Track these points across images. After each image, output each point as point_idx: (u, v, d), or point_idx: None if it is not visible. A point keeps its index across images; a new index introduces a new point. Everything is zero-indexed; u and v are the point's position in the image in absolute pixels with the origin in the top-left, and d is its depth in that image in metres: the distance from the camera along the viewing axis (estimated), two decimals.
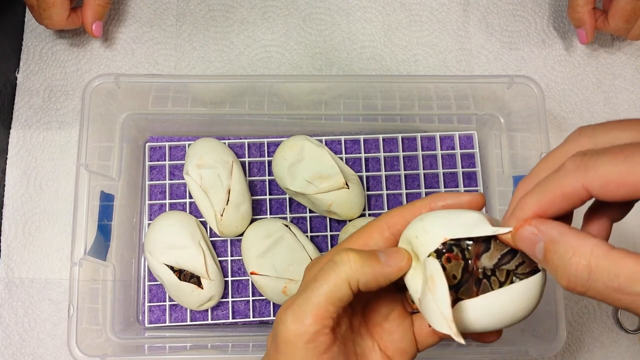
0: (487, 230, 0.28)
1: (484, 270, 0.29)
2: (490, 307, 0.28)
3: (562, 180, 0.25)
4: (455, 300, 0.28)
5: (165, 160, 0.57)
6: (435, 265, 0.28)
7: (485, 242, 0.29)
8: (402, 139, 0.58)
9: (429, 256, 0.28)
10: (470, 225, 0.28)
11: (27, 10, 0.61)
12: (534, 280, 0.28)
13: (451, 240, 0.28)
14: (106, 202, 0.51)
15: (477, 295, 0.28)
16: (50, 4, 0.52)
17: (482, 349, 0.48)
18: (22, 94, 0.59)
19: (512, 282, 0.28)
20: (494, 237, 0.28)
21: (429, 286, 0.27)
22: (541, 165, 0.28)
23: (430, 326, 0.29)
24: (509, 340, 0.50)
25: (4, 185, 0.57)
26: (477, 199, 0.30)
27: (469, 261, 0.29)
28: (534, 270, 0.28)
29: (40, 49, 0.60)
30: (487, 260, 0.29)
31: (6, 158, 0.57)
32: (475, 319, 0.28)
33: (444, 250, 0.28)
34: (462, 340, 0.26)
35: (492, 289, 0.28)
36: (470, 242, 0.29)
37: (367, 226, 0.32)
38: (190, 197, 0.56)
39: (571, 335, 0.56)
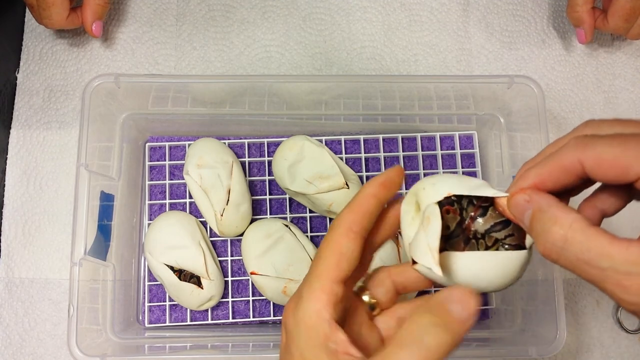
0: (488, 192, 0.30)
1: (475, 233, 0.30)
2: (470, 265, 0.29)
3: (562, 154, 0.27)
4: (442, 250, 0.29)
5: (165, 160, 0.57)
6: (434, 208, 0.29)
7: (483, 208, 0.31)
8: (402, 139, 0.58)
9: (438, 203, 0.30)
10: (473, 187, 0.30)
11: (27, 10, 0.61)
12: (518, 254, 0.29)
13: (454, 197, 0.30)
14: (106, 202, 0.51)
15: (463, 251, 0.30)
16: (50, 4, 0.52)
17: (482, 349, 0.48)
18: (22, 94, 0.59)
19: (497, 250, 0.30)
20: (492, 206, 0.30)
21: (423, 225, 0.29)
22: (547, 148, 0.30)
23: (414, 264, 0.30)
24: (509, 340, 0.50)
25: (4, 185, 0.57)
26: (398, 170, 0.32)
27: (465, 220, 0.30)
28: (519, 246, 0.30)
29: (40, 49, 0.60)
30: (481, 224, 0.30)
31: (6, 158, 0.57)
32: (455, 272, 0.29)
33: (445, 203, 0.30)
34: (439, 272, 0.28)
35: (478, 250, 0.30)
36: (470, 205, 0.31)
37: (330, 238, 0.30)
38: (190, 197, 0.56)
39: (571, 335, 0.56)
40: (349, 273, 0.30)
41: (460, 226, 0.30)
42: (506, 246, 0.30)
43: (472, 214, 0.30)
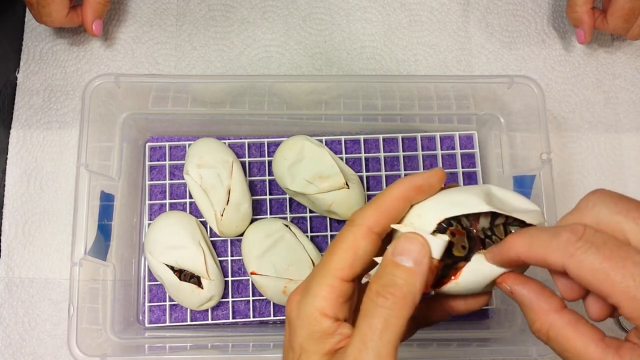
0: (479, 208, 0.29)
1: (484, 230, 0.30)
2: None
3: (550, 248, 0.26)
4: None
5: (165, 160, 0.57)
6: (440, 242, 0.28)
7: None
8: (402, 139, 0.58)
9: (432, 233, 0.29)
10: (459, 202, 0.29)
11: (27, 10, 0.61)
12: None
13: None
14: (106, 202, 0.51)
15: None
16: (49, 1, 0.52)
17: (482, 349, 0.48)
18: (22, 94, 0.59)
19: (507, 232, 0.30)
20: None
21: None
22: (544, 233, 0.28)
23: (438, 288, 0.29)
24: (509, 340, 0.50)
25: (4, 185, 0.57)
26: (439, 173, 0.31)
27: (470, 228, 0.30)
28: (525, 223, 0.30)
29: (40, 49, 0.60)
30: (484, 220, 0.30)
31: (6, 158, 0.57)
32: (486, 270, 0.29)
33: (445, 226, 0.29)
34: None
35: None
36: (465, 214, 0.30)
37: (348, 234, 0.30)
38: (190, 197, 0.56)
39: None
40: (362, 272, 0.29)
41: (471, 237, 0.30)
42: (515, 226, 0.30)
43: (472, 217, 0.30)
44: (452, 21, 0.62)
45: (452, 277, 0.29)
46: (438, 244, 0.28)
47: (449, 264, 0.29)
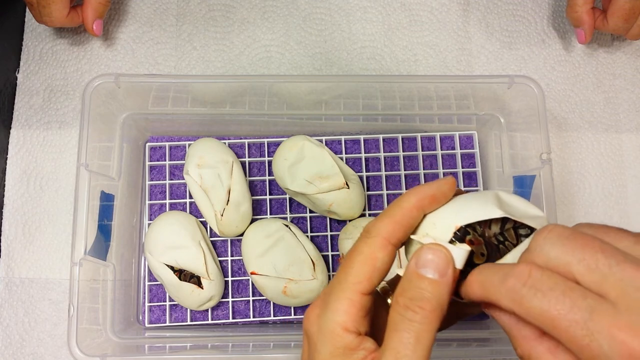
0: (494, 213, 0.29)
1: (496, 236, 0.30)
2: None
3: (500, 294, 0.25)
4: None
5: (165, 160, 0.57)
6: (462, 252, 0.29)
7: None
8: (403, 139, 0.58)
9: (451, 242, 0.29)
10: (475, 208, 0.30)
11: (27, 10, 0.61)
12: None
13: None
14: (106, 202, 0.51)
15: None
16: (50, 1, 0.52)
17: (482, 349, 0.48)
18: (22, 94, 0.59)
19: (518, 235, 0.30)
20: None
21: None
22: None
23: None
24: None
25: (4, 185, 0.57)
26: (451, 181, 0.31)
27: (485, 235, 0.30)
28: (531, 228, 0.30)
29: (40, 49, 0.60)
30: (494, 226, 0.30)
31: (6, 158, 0.57)
32: None
33: (461, 236, 0.29)
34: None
35: (509, 250, 0.29)
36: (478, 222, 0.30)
37: (364, 247, 0.29)
38: (191, 197, 0.56)
39: None
40: (379, 284, 0.29)
41: (488, 244, 0.30)
42: (522, 233, 0.30)
43: (484, 224, 0.30)
44: (452, 21, 0.62)
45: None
46: (459, 254, 0.28)
47: (468, 270, 0.29)
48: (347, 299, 0.28)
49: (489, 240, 0.30)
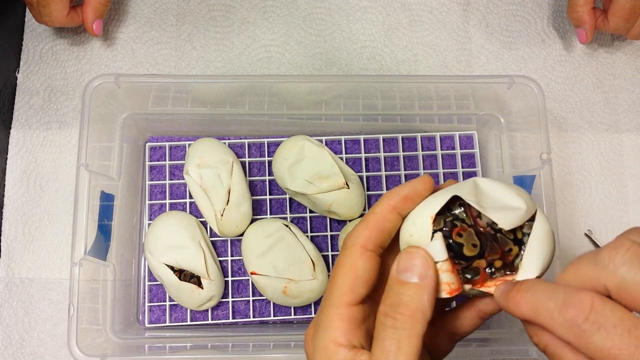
0: (447, 196, 0.29)
1: (490, 226, 0.29)
2: (534, 252, 0.29)
3: (557, 323, 0.24)
4: (490, 269, 0.29)
5: (165, 160, 0.57)
6: (438, 244, 0.28)
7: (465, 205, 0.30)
8: (403, 139, 0.58)
9: (432, 240, 0.29)
10: (442, 196, 0.29)
11: (27, 10, 0.61)
12: (539, 219, 0.29)
13: (442, 216, 0.29)
14: (106, 202, 0.51)
15: (503, 251, 0.29)
16: (49, 1, 0.52)
17: (482, 349, 0.48)
18: (22, 94, 0.59)
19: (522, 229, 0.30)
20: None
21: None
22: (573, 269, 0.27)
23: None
24: (509, 340, 0.50)
25: (4, 185, 0.57)
26: (425, 179, 0.31)
27: (476, 226, 0.29)
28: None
29: (40, 49, 0.60)
30: (485, 216, 0.29)
31: (6, 158, 0.57)
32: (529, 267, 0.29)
33: (450, 227, 0.29)
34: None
35: (509, 239, 0.29)
36: (462, 209, 0.29)
37: (344, 258, 0.29)
38: (191, 197, 0.56)
39: None
40: (368, 292, 0.29)
41: (480, 233, 0.29)
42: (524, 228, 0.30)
43: (473, 214, 0.30)
44: (452, 21, 0.62)
45: (481, 284, 0.30)
46: (437, 246, 0.28)
47: (469, 264, 0.29)
48: (336, 314, 0.28)
49: (484, 230, 0.29)
